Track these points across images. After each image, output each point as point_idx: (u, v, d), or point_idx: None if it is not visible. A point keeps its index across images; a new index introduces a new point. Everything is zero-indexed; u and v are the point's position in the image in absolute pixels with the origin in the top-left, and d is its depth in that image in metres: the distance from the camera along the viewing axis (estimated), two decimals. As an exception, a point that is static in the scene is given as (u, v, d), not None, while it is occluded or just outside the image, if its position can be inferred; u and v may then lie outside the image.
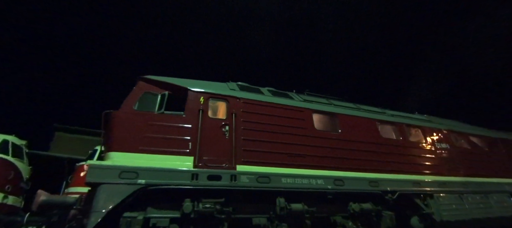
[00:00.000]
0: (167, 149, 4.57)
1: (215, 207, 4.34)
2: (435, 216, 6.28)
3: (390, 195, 5.95)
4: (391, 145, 6.85)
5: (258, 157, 5.10)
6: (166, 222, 4.16)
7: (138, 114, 4.77)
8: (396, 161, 6.59)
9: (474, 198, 7.12)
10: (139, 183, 4.09)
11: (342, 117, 6.61)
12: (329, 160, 5.74)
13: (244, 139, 5.17)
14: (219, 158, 4.79)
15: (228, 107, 5.45)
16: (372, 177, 5.94)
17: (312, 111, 6.31)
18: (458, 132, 8.47)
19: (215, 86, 5.72)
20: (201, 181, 4.44)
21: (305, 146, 5.68)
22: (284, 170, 5.17)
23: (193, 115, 5.05)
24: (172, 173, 4.32)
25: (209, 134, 4.98)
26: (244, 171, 4.80)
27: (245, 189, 4.67)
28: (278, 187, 4.91)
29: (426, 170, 6.91)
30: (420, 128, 7.74)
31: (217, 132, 5.08)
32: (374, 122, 7.03)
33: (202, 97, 5.33)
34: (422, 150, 7.24)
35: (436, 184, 6.73)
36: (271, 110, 5.82)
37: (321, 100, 7.12)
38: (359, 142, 6.38)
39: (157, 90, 5.25)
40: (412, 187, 6.31)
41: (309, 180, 5.22)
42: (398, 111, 8.48)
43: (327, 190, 5.31)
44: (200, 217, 4.31)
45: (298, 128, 5.86)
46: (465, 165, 7.67)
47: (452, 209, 6.56)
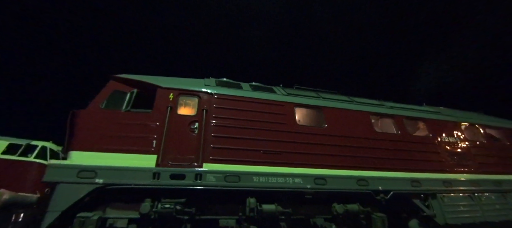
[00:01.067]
0: (130, 148, 4.43)
1: (175, 207, 4.11)
2: (437, 219, 5.55)
3: (382, 195, 5.35)
4: (387, 139, 6.20)
5: (228, 154, 4.80)
6: (124, 223, 4.01)
7: (104, 112, 4.70)
8: (392, 157, 5.94)
9: (489, 198, 6.23)
10: (97, 183, 3.99)
11: (329, 110, 6.10)
12: (311, 157, 5.28)
13: (214, 135, 4.90)
14: (184, 156, 4.57)
15: (199, 103, 5.22)
16: (361, 175, 5.38)
17: (294, 105, 5.88)
18: (470, 123, 7.52)
19: (188, 83, 5.52)
20: (163, 180, 4.24)
21: (284, 142, 5.28)
22: (258, 168, 4.82)
23: (161, 112, 4.89)
24: (131, 172, 4.17)
25: (176, 131, 4.78)
26: (211, 169, 4.53)
27: (212, 188, 4.39)
28: (249, 186, 4.57)
29: (429, 167, 6.15)
30: (423, 120, 6.96)
31: (185, 129, 4.86)
32: (367, 115, 6.42)
33: (172, 94, 5.15)
34: (424, 145, 6.48)
35: (440, 182, 5.96)
36: (247, 106, 5.49)
37: (309, 93, 6.65)
38: (348, 137, 5.83)
39: (127, 88, 5.16)
40: (409, 186, 5.63)
41: (285, 179, 4.82)
42: (403, 103, 7.75)
43: (306, 189, 4.87)
44: (160, 217, 4.11)
45: (276, 123, 5.48)
46: (478, 160, 6.76)
47: (460, 210, 5.77)
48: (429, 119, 7.01)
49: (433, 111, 7.51)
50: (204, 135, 4.83)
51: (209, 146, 4.76)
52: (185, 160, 4.53)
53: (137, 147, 4.46)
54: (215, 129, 4.97)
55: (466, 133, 7.24)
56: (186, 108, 5.28)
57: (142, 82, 5.20)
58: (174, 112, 4.96)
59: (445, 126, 7.06)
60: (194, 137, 4.80)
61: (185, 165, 4.48)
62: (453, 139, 6.87)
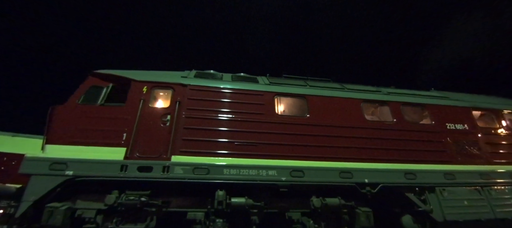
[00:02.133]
0: (102, 141, 4.51)
1: (140, 199, 4.12)
2: (434, 215, 5.01)
3: (369, 188, 4.93)
4: (379, 128, 5.69)
5: (199, 146, 4.70)
6: (92, 213, 4.11)
7: (79, 107, 4.82)
8: (384, 148, 5.45)
9: (502, 192, 5.49)
10: (67, 174, 4.11)
11: (313, 98, 5.72)
12: (289, 148, 5.01)
13: (186, 127, 4.82)
14: (153, 149, 4.55)
15: (173, 95, 5.16)
16: (345, 167, 4.99)
17: (274, 95, 5.60)
18: (481, 109, 6.65)
19: (164, 75, 5.48)
20: (131, 173, 4.26)
21: (261, 133, 5.06)
22: (230, 160, 4.67)
23: (133, 105, 4.91)
24: (100, 165, 4.24)
25: (148, 123, 4.78)
26: (179, 161, 4.47)
27: (179, 181, 4.34)
28: (218, 179, 4.44)
29: (429, 158, 5.55)
30: (424, 106, 6.27)
31: (157, 121, 4.84)
32: (358, 102, 5.93)
33: (146, 87, 5.14)
34: (424, 134, 5.85)
35: (441, 174, 5.36)
36: (222, 96, 5.33)
37: (296, 82, 6.31)
38: (333, 127, 5.43)
39: (104, 83, 5.25)
40: (402, 178, 5.13)
41: (258, 171, 4.61)
42: (408, 89, 7.07)
43: (281, 182, 4.63)
44: (127, 209, 4.15)
45: (254, 113, 5.26)
46: (490, 150, 5.97)
47: (463, 206, 5.15)
48: (432, 105, 6.31)
49: (439, 97, 6.75)
50: (175, 127, 4.78)
51: (179, 138, 4.70)
52: (153, 152, 4.52)
53: (108, 140, 4.53)
54: (187, 121, 4.89)
55: (476, 119, 6.41)
56: (160, 100, 5.26)
57: (118, 76, 5.26)
58: (147, 105, 4.96)
59: (451, 112, 6.31)
60: (165, 129, 4.77)
61: (153, 157, 4.47)
62: (460, 126, 6.12)
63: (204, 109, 5.10)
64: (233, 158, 4.72)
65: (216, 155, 4.68)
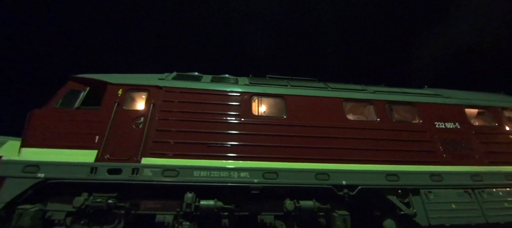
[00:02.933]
0: (75, 144, 4.57)
1: (107, 201, 4.12)
2: (418, 219, 4.74)
3: (346, 190, 4.73)
4: (362, 128, 5.47)
5: (170, 148, 4.68)
6: (61, 216, 4.15)
7: (56, 110, 4.91)
8: (366, 148, 5.23)
9: (494, 195, 5.13)
10: (39, 177, 4.18)
11: (292, 98, 5.59)
12: (263, 149, 4.90)
13: (158, 129, 4.81)
14: (124, 151, 4.56)
15: (148, 98, 5.18)
16: (321, 168, 4.82)
17: (252, 95, 5.51)
18: (474, 106, 6.27)
19: (141, 78, 5.52)
20: (100, 175, 4.28)
21: (235, 135, 4.98)
22: (202, 162, 4.61)
23: (108, 108, 4.95)
24: (70, 167, 4.29)
25: (121, 126, 4.80)
26: (148, 163, 4.45)
27: (147, 183, 4.32)
28: (187, 181, 4.39)
29: (414, 158, 5.27)
30: (413, 105, 5.99)
31: (130, 124, 4.86)
32: (340, 102, 5.74)
33: (121, 89, 5.19)
34: (411, 133, 5.57)
35: (427, 176, 5.07)
36: (197, 98, 5.30)
37: (278, 82, 6.19)
38: (312, 127, 5.28)
39: (82, 87, 5.34)
40: (384, 180, 4.89)
41: (229, 173, 4.53)
42: (399, 87, 6.80)
43: (253, 184, 4.52)
44: (95, 211, 4.16)
45: (229, 114, 5.19)
46: (484, 149, 5.61)
47: (450, 209, 4.85)
48: (420, 103, 6.02)
49: (430, 95, 6.43)
50: (147, 129, 4.78)
51: (150, 140, 4.69)
52: (124, 155, 4.52)
53: (81, 142, 4.59)
54: (159, 123, 4.89)
55: (469, 117, 6.06)
56: (135, 103, 5.29)
57: (95, 80, 5.33)
58: (121, 107, 4.99)
59: (441, 110, 5.99)
60: (137, 132, 4.78)
61: (123, 159, 4.48)
62: (450, 125, 5.80)
63: (179, 111, 5.08)
64: (205, 159, 4.66)
65: (187, 157, 4.63)
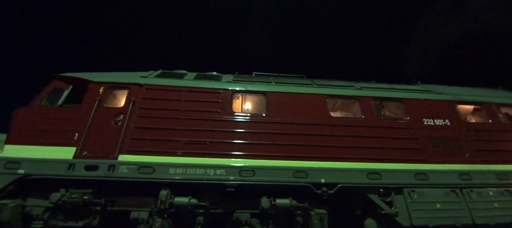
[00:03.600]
0: (55, 140, 4.66)
1: (82, 197, 4.19)
2: (399, 219, 4.59)
3: (325, 188, 4.63)
4: (345, 125, 5.34)
5: (147, 145, 4.70)
6: (40, 211, 4.24)
7: (40, 108, 5.02)
8: (348, 146, 5.10)
9: (483, 194, 4.91)
10: (19, 173, 4.29)
11: (273, 95, 5.51)
12: (241, 147, 4.85)
13: (136, 127, 4.85)
14: (102, 148, 4.62)
15: (128, 95, 5.22)
16: (299, 166, 4.74)
17: (233, 92, 5.47)
18: (466, 102, 6.00)
19: (122, 76, 5.56)
20: (77, 172, 4.35)
21: (214, 132, 4.96)
22: (178, 159, 4.62)
23: (89, 105, 5.02)
24: (49, 164, 4.38)
25: (100, 123, 4.86)
26: (125, 161, 4.49)
27: (123, 180, 4.36)
28: (163, 178, 4.40)
29: (399, 156, 5.11)
30: (399, 101, 5.79)
31: (109, 121, 4.91)
32: (324, 98, 5.62)
33: (102, 87, 5.25)
34: (396, 130, 5.40)
35: (411, 174, 4.91)
36: (177, 95, 5.30)
37: (263, 80, 6.12)
38: (293, 124, 5.19)
39: (66, 86, 5.44)
40: (365, 178, 4.76)
41: (205, 170, 4.52)
42: (396, 83, 6.61)
43: (229, 182, 4.49)
44: (72, 207, 4.24)
45: (209, 112, 5.17)
46: (474, 147, 5.37)
47: (435, 209, 4.67)
48: (408, 99, 5.81)
49: (420, 90, 6.21)
50: (126, 126, 4.82)
51: (128, 137, 4.73)
52: (101, 152, 4.58)
53: (61, 139, 4.67)
54: (138, 120, 4.92)
55: (461, 114, 5.81)
56: (116, 101, 5.33)
57: (78, 78, 5.42)
58: (101, 105, 5.05)
59: (431, 106, 5.77)
60: (116, 129, 4.83)
61: (101, 156, 4.53)
62: (440, 122, 5.58)
63: (158, 108, 5.10)
64: (182, 157, 4.66)
65: (164, 154, 4.65)
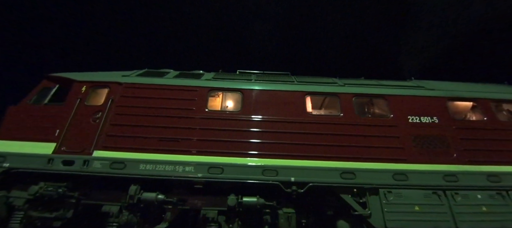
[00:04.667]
0: (38, 136, 4.95)
1: (57, 190, 4.41)
2: (372, 221, 4.39)
3: (295, 187, 4.53)
4: (323, 122, 5.19)
5: (122, 142, 4.85)
6: (21, 202, 4.53)
7: (28, 106, 5.35)
8: (323, 144, 4.94)
9: (470, 198, 4.55)
10: (4, 166, 4.61)
11: (249, 92, 5.47)
12: (213, 144, 4.87)
13: (112, 124, 5.02)
14: (79, 144, 4.83)
15: (108, 94, 5.41)
16: (269, 164, 4.67)
17: (208, 90, 5.50)
18: (459, 98, 5.58)
19: (105, 75, 5.78)
20: (55, 166, 4.60)
21: (186, 129, 5.02)
22: (149, 155, 4.73)
23: (72, 103, 5.28)
24: (31, 158, 4.66)
25: (80, 120, 5.09)
26: (99, 156, 4.67)
27: (98, 174, 4.54)
28: (133, 174, 4.53)
29: (378, 155, 4.86)
30: (383, 97, 5.51)
31: (88, 118, 5.13)
32: (302, 95, 5.48)
33: (85, 86, 5.49)
34: (378, 128, 5.15)
35: (389, 174, 4.66)
36: (156, 93, 5.42)
37: (244, 77, 6.11)
38: (267, 121, 5.12)
39: (53, 85, 5.75)
40: (337, 177, 4.59)
41: (174, 167, 4.59)
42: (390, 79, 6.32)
43: (197, 178, 4.53)
44: (49, 200, 4.48)
45: (183, 109, 5.24)
46: (463, 146, 4.99)
47: (412, 212, 4.40)
48: (393, 96, 5.51)
49: (410, 87, 5.87)
50: (103, 123, 5.01)
51: (104, 134, 4.91)
52: (78, 147, 4.80)
53: (43, 135, 4.95)
54: (114, 118, 5.09)
55: (452, 111, 5.41)
56: (96, 99, 5.53)
57: (63, 78, 5.71)
58: (82, 103, 5.29)
59: (418, 103, 5.44)
60: (94, 126, 5.03)
61: (77, 151, 4.75)
62: (427, 119, 5.24)
63: (134, 106, 5.24)
64: (154, 153, 4.76)
65: (136, 150, 4.77)
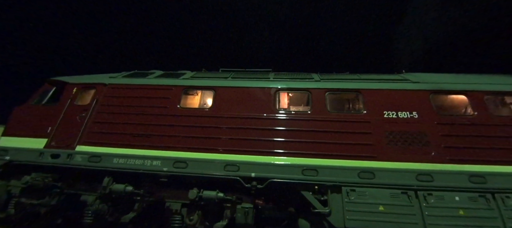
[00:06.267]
0: (35, 133, 5.61)
1: (44, 181, 4.98)
2: (331, 219, 4.25)
3: (255, 182, 4.56)
4: (290, 119, 5.12)
5: (101, 138, 5.30)
6: (17, 190, 5.19)
7: (30, 107, 6.08)
8: (289, 139, 4.89)
9: (447, 200, 4.16)
10: (5, 159, 5.33)
11: (221, 90, 5.58)
12: (180, 140, 5.09)
13: (94, 121, 5.50)
14: (65, 139, 5.38)
15: (94, 94, 5.93)
16: (232, 160, 4.75)
17: (183, 88, 5.73)
18: (440, 91, 5.06)
19: (94, 78, 6.32)
20: (45, 159, 5.19)
21: (158, 126, 5.31)
22: (124, 150, 5.11)
23: (63, 103, 5.89)
24: (26, 152, 5.32)
25: (69, 119, 5.66)
26: (80, 151, 5.16)
27: (78, 167, 5.03)
28: (107, 167, 4.94)
29: (345, 151, 4.67)
30: (359, 92, 5.24)
31: (76, 116, 5.68)
32: (272, 92, 5.46)
33: (75, 88, 6.07)
34: (348, 124, 4.92)
35: (355, 172, 4.46)
36: (135, 92, 5.80)
37: (223, 75, 6.26)
38: (234, 118, 5.20)
39: (51, 88, 6.45)
40: (299, 174, 4.52)
41: (143, 161, 4.90)
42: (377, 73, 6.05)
43: (162, 172, 4.78)
44: (39, 189, 5.08)
45: (157, 107, 5.54)
46: (443, 144, 4.56)
47: (376, 212, 4.17)
48: (369, 90, 5.21)
49: (393, 80, 5.51)
50: (87, 121, 5.51)
51: (87, 131, 5.41)
52: (64, 143, 5.34)
53: (38, 132, 5.60)
54: (97, 116, 5.57)
55: (433, 104, 4.96)
56: (84, 99, 6.08)
57: (59, 81, 6.37)
58: (72, 103, 5.86)
59: (397, 97, 5.08)
60: (79, 123, 5.56)
61: (63, 146, 5.30)
62: (405, 114, 4.88)
63: (114, 105, 5.68)
64: (127, 148, 5.13)
65: (112, 145, 5.18)
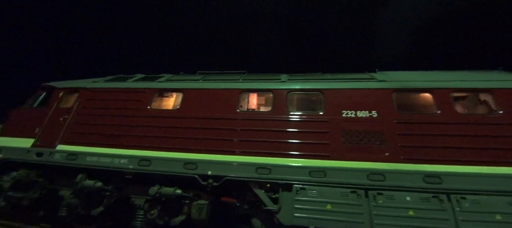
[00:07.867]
0: (25, 134, 6.21)
1: (28, 176, 5.52)
2: (280, 216, 4.33)
3: (211, 180, 4.76)
4: (251, 119, 5.25)
5: (78, 137, 5.76)
6: (8, 184, 5.78)
7: (23, 110, 6.73)
8: (246, 139, 5.02)
9: (397, 199, 4.09)
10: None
11: (189, 92, 5.84)
12: (147, 139, 5.41)
13: (75, 122, 5.98)
14: (48, 139, 5.91)
15: (77, 97, 6.43)
16: (190, 158, 4.98)
17: (155, 91, 6.06)
18: (404, 89, 4.91)
19: (80, 82, 6.85)
20: (30, 157, 5.74)
21: (129, 126, 5.67)
22: (98, 149, 5.52)
23: (50, 106, 6.45)
24: (16, 150, 5.91)
25: (54, 120, 6.19)
26: (60, 149, 5.65)
27: (57, 164, 5.52)
28: (81, 164, 5.37)
29: (299, 151, 4.73)
30: (320, 92, 5.24)
31: (60, 118, 6.20)
32: (236, 93, 5.61)
33: (62, 92, 6.63)
34: (303, 123, 4.96)
35: (305, 170, 4.50)
36: (111, 95, 6.22)
37: (196, 77, 6.53)
38: (199, 119, 5.43)
39: (43, 92, 7.07)
40: (253, 172, 4.64)
41: (112, 159, 5.28)
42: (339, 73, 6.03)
43: (128, 169, 5.12)
44: (25, 184, 5.63)
45: (130, 109, 5.91)
46: (400, 143, 4.46)
47: (323, 210, 4.19)
48: (330, 90, 5.19)
49: (356, 79, 5.44)
50: (69, 122, 6.01)
51: (68, 131, 5.90)
52: (47, 142, 5.87)
53: (28, 133, 6.18)
54: (77, 117, 6.05)
55: (395, 103, 4.84)
56: (69, 102, 6.60)
57: (49, 86, 6.96)
58: (58, 106, 6.41)
59: (356, 96, 5.02)
60: (61, 124, 6.07)
61: (46, 146, 5.82)
62: (363, 114, 4.82)
63: (93, 107, 6.13)
64: (100, 147, 5.53)
65: (88, 145, 5.61)
